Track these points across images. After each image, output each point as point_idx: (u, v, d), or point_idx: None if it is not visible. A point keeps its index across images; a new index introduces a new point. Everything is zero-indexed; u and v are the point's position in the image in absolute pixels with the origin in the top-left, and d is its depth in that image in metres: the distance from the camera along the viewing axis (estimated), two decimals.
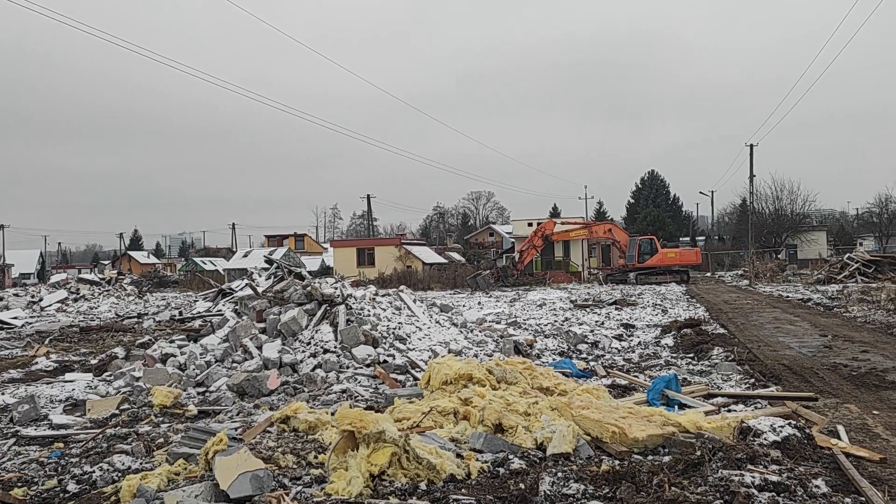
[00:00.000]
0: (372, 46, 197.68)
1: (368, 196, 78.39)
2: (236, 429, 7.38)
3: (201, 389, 9.97)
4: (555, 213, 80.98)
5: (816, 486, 4.89)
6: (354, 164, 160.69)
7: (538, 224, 46.24)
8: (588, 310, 23.00)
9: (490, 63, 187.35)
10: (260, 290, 15.17)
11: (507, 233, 77.31)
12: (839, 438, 6.58)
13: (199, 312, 20.52)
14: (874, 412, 7.85)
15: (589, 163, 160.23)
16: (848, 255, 40.57)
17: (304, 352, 11.04)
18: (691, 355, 12.45)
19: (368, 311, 12.84)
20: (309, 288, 12.85)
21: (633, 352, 13.46)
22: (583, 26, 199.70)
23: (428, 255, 60.10)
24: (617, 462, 5.79)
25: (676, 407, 7.84)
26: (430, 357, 11.27)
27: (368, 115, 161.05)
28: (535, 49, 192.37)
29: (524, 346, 13.34)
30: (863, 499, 4.86)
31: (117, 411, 8.81)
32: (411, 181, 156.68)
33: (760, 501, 4.57)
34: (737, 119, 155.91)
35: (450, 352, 11.86)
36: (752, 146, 49.85)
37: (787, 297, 28.05)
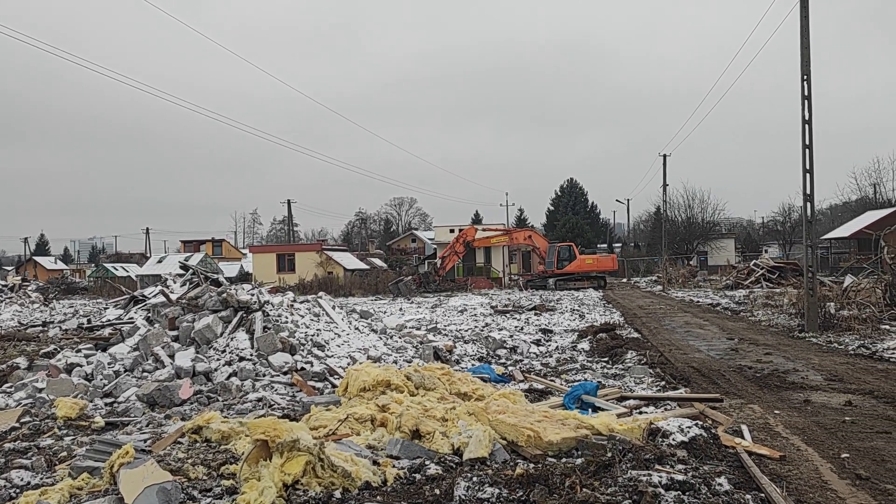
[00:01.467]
0: (296, 50, 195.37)
1: (289, 201, 77.23)
2: (145, 440, 7.13)
3: (109, 400, 9.58)
4: (476, 220, 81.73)
5: (720, 484, 5.07)
6: (276, 168, 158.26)
7: (460, 230, 46.53)
8: (508, 315, 23.27)
9: (415, 70, 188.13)
10: (174, 297, 14.70)
11: (429, 239, 77.50)
12: (743, 438, 6.86)
13: (109, 320, 19.68)
14: (775, 412, 8.22)
15: (511, 170, 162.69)
16: (754, 261, 42.46)
17: (218, 360, 10.76)
18: (606, 359, 12.75)
19: (286, 317, 12.63)
20: (225, 294, 12.54)
21: (551, 356, 13.68)
22: (506, 35, 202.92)
23: (350, 261, 59.64)
24: (531, 465, 5.87)
25: (590, 410, 8.02)
26: (348, 364, 11.17)
27: (291, 119, 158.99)
28: (461, 57, 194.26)
29: (443, 351, 13.38)
30: (762, 495, 5.07)
31: (17, 424, 8.35)
32: (333, 186, 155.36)
33: (667, 500, 4.71)
34: (653, 129, 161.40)
35: (369, 358, 11.79)
36: (665, 156, 51.60)
37: (698, 301, 29.11)
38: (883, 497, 5.16)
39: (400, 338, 14.72)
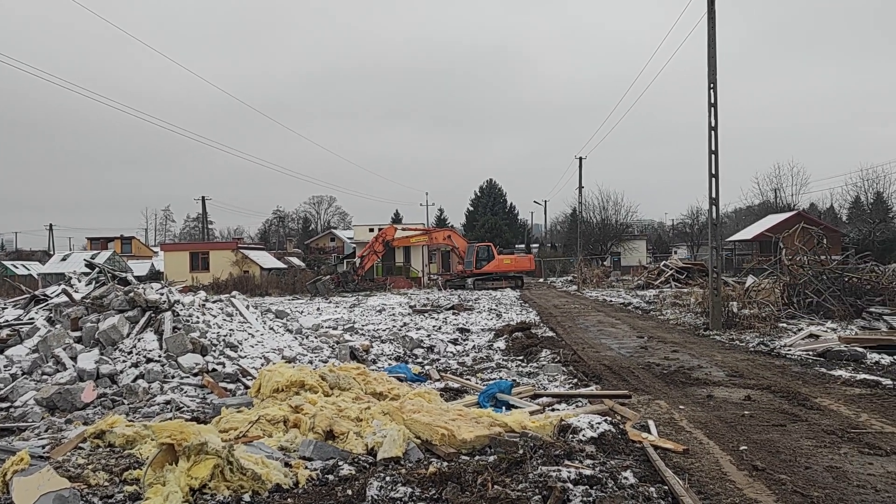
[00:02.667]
0: (213, 44, 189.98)
1: (203, 198, 75.11)
2: (43, 446, 6.79)
3: (5, 405, 9.08)
4: (396, 219, 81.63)
5: (625, 478, 5.23)
6: (190, 164, 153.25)
7: (380, 229, 46.34)
8: (426, 315, 23.33)
9: (337, 67, 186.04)
10: (77, 296, 14.08)
11: (348, 238, 76.85)
12: (649, 432, 7.09)
13: (7, 321, 18.69)
14: (680, 407, 8.54)
15: (432, 170, 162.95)
16: (664, 262, 43.98)
17: (124, 361, 10.37)
18: (521, 357, 12.95)
19: (197, 317, 12.28)
20: (132, 294, 12.09)
21: (468, 355, 13.80)
22: (428, 37, 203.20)
23: (266, 259, 58.51)
24: (445, 464, 5.90)
25: (504, 408, 8.12)
26: (262, 364, 10.96)
27: (206, 114, 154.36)
28: (383, 56, 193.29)
29: (360, 351, 13.30)
30: (666, 487, 5.25)
31: None
32: (250, 184, 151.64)
33: (575, 495, 4.82)
34: (570, 133, 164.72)
35: (283, 359, 11.60)
36: (581, 159, 52.81)
37: (611, 301, 29.92)
38: (777, 486, 5.43)
39: (316, 338, 14.54)
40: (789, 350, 13.19)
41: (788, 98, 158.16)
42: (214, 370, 10.51)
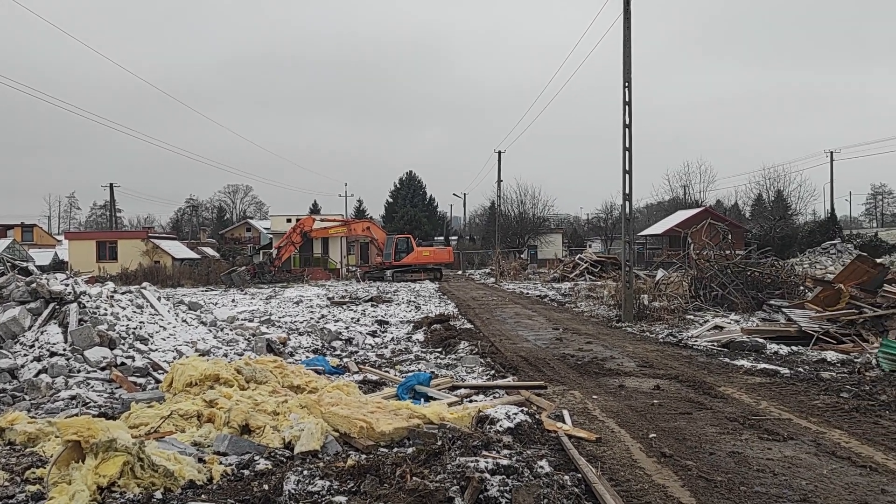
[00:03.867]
0: (129, 30, 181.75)
1: (111, 185, 72.18)
2: None
3: None
4: (315, 210, 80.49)
5: (541, 467, 5.35)
6: (97, 150, 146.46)
7: (297, 220, 45.66)
8: (345, 307, 23.16)
9: (257, 57, 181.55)
10: None
11: (265, 228, 75.41)
12: (564, 422, 7.28)
13: None
14: (594, 397, 8.78)
15: (351, 161, 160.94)
16: (579, 255, 45.01)
17: (26, 355, 9.89)
18: (440, 349, 13.03)
19: (105, 309, 11.82)
20: (34, 284, 11.53)
21: (387, 347, 13.79)
22: (351, 28, 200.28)
23: (179, 249, 56.78)
24: (363, 456, 5.89)
25: (423, 400, 8.17)
26: (174, 358, 10.65)
27: (116, 98, 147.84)
28: (306, 48, 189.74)
29: (277, 344, 13.10)
30: (579, 475, 5.41)
31: None
32: (163, 172, 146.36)
33: (492, 484, 4.90)
34: (490, 127, 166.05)
35: (197, 352, 11.31)
36: (500, 153, 53.32)
37: (528, 293, 30.44)
38: (683, 472, 5.67)
39: (231, 330, 14.23)
40: (696, 341, 13.75)
41: (698, 99, 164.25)
42: (123, 364, 10.15)
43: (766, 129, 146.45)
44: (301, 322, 17.91)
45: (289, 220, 48.38)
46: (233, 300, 26.47)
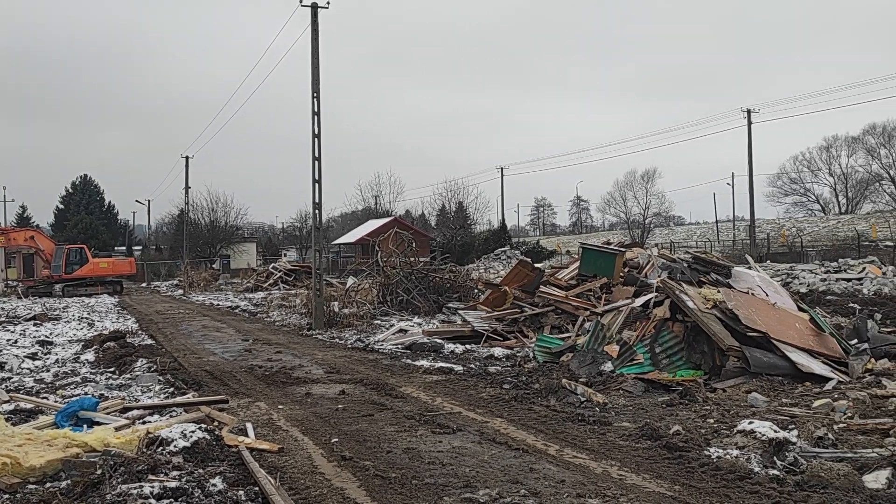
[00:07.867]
0: None
1: None
2: None
3: None
4: None
5: (213, 485, 5.08)
6: None
7: None
8: (1, 327, 20.17)
9: None
10: None
11: None
12: (247, 436, 7.04)
13: None
14: (280, 407, 8.66)
15: (13, 163, 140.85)
16: (273, 265, 44.52)
17: None
18: (112, 369, 11.91)
19: None
20: None
21: (48, 370, 12.23)
22: (40, 21, 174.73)
23: None
24: (7, 496, 5.11)
25: (86, 426, 7.36)
26: None
27: None
28: None
29: None
30: (257, 489, 5.24)
31: None
32: None
33: None
34: (179, 132, 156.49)
35: None
36: (187, 158, 50.54)
37: (219, 305, 29.32)
38: (361, 472, 5.80)
39: None
40: (382, 345, 14.28)
41: (391, 117, 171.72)
42: None
43: (450, 145, 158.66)
44: None
45: None
46: None
